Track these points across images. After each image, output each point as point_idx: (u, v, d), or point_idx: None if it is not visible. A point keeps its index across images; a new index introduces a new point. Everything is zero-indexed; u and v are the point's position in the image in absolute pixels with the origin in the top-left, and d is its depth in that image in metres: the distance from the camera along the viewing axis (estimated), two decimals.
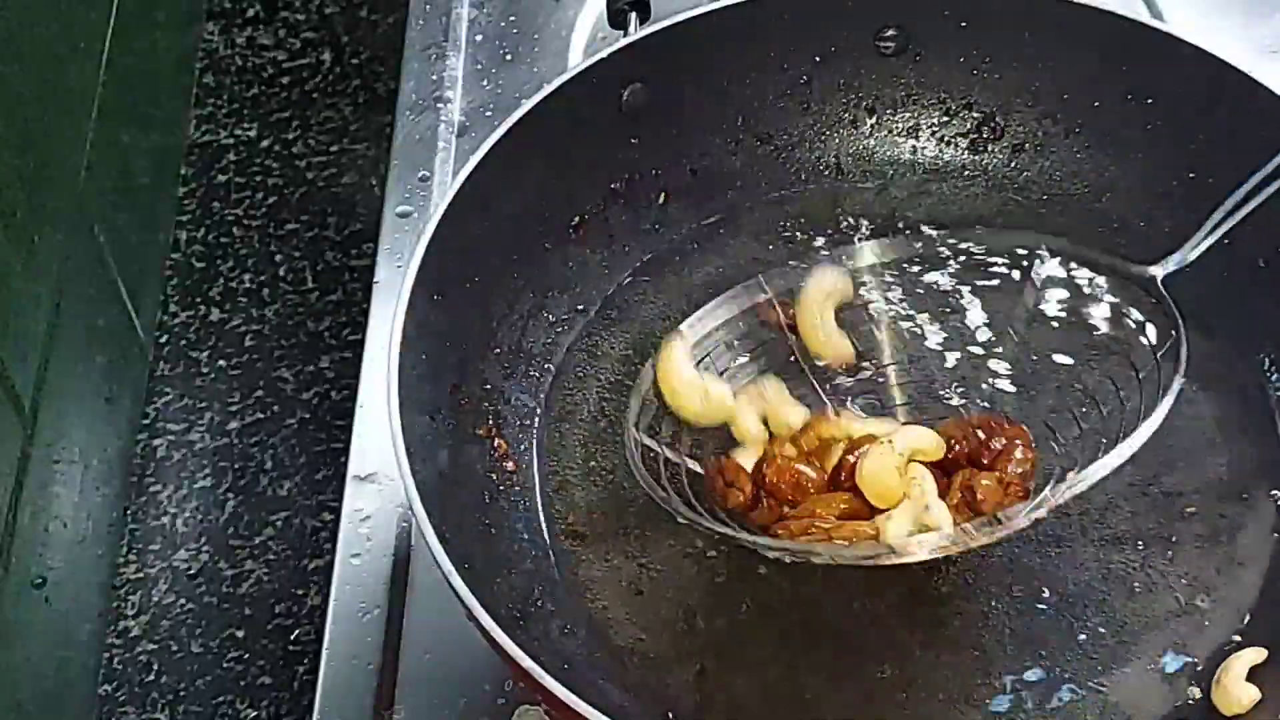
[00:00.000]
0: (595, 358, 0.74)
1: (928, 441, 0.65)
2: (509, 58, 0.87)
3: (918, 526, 0.63)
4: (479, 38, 0.88)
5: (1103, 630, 0.65)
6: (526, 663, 0.57)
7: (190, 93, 0.95)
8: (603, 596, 0.67)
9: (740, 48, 0.74)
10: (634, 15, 0.77)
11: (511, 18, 0.88)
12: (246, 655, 0.76)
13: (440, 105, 0.84)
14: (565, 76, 0.70)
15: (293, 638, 0.77)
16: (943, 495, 0.64)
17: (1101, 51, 0.73)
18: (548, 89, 0.70)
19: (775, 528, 0.64)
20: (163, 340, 0.86)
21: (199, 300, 0.88)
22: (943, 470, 0.65)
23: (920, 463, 0.64)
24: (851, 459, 0.65)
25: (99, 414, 0.79)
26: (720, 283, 0.73)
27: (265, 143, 0.93)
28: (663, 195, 0.76)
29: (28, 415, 0.69)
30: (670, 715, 0.64)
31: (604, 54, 0.71)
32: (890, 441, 0.64)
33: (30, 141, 0.70)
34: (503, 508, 0.68)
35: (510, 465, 0.70)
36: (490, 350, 0.71)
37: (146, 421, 0.84)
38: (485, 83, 0.86)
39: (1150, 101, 0.73)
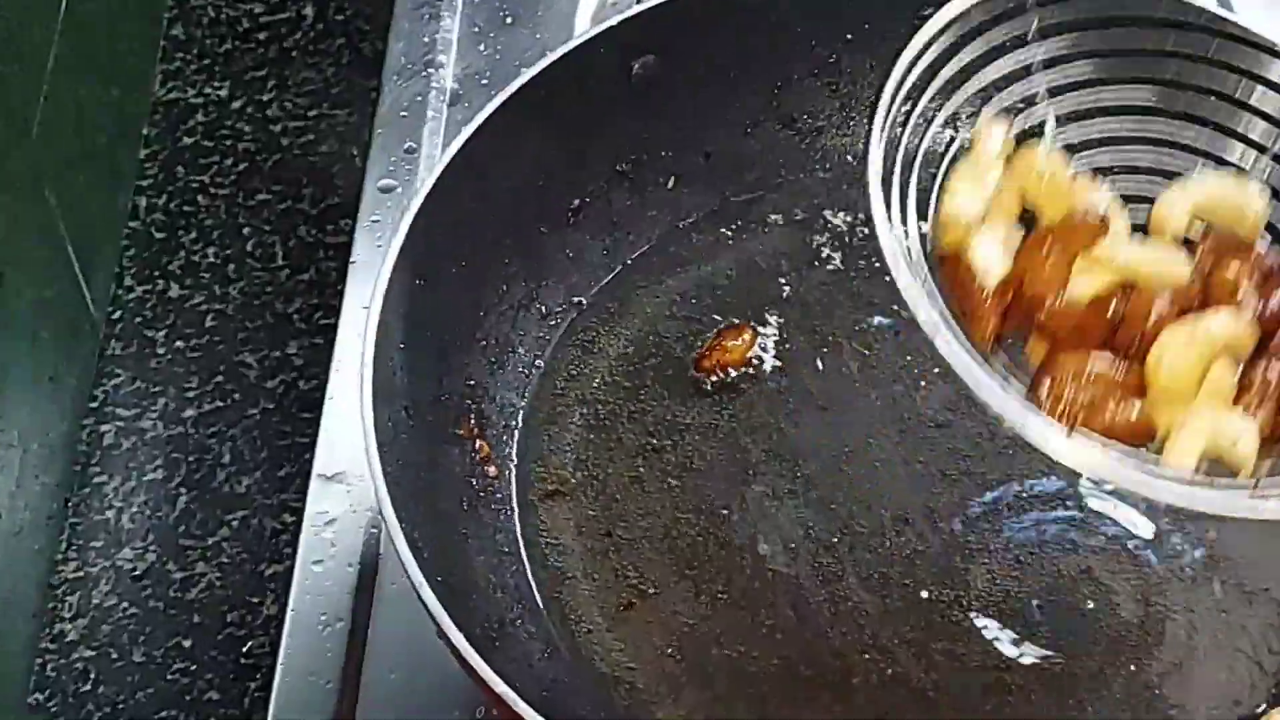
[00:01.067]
0: (590, 354, 0.73)
1: (1242, 335, 0.59)
2: (509, 20, 0.86)
3: (1211, 452, 0.58)
4: None
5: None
6: (501, 687, 0.56)
7: (156, 46, 0.94)
8: (587, 619, 0.66)
9: (764, 22, 0.73)
10: None
11: None
12: (194, 667, 0.75)
13: (431, 70, 0.84)
14: (571, 44, 0.70)
15: (245, 650, 0.75)
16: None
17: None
18: (551, 57, 0.69)
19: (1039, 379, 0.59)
20: (115, 316, 0.85)
21: (157, 274, 0.86)
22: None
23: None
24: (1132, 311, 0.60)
25: (42, 394, 0.77)
26: (731, 278, 0.74)
27: (237, 103, 0.92)
28: (672, 179, 0.75)
29: None
30: None
31: (615, 21, 0.71)
32: (1194, 327, 0.58)
33: None
34: (482, 516, 0.68)
35: (492, 470, 0.69)
36: (476, 341, 0.70)
37: (94, 405, 0.82)
38: (482, 47, 0.85)
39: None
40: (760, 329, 0.71)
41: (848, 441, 0.70)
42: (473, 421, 0.69)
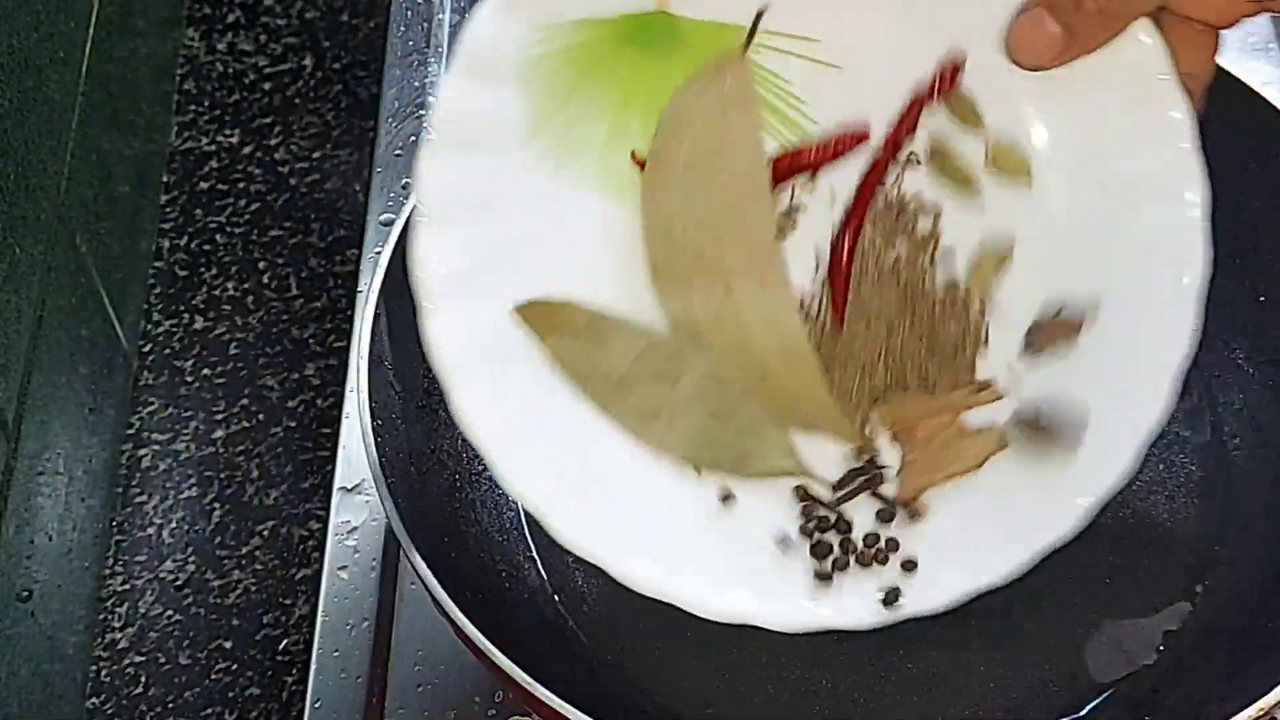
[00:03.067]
0: None
1: None
2: None
3: None
4: None
5: None
6: (510, 667, 0.57)
7: (171, 100, 0.94)
8: (592, 596, 0.67)
9: None
10: None
11: None
12: (235, 666, 0.76)
13: (423, 112, 0.84)
14: None
15: (281, 648, 0.77)
16: None
17: None
18: None
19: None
20: (146, 349, 0.86)
21: (182, 309, 0.87)
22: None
23: None
24: None
25: (83, 425, 0.78)
26: None
27: (247, 149, 0.92)
28: None
29: (11, 428, 0.69)
30: None
31: None
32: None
33: (9, 152, 0.70)
34: (488, 513, 0.68)
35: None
36: None
37: (131, 431, 0.83)
38: None
39: None
40: None
41: None
42: None
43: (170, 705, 0.75)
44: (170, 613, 0.78)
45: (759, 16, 0.58)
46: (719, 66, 0.58)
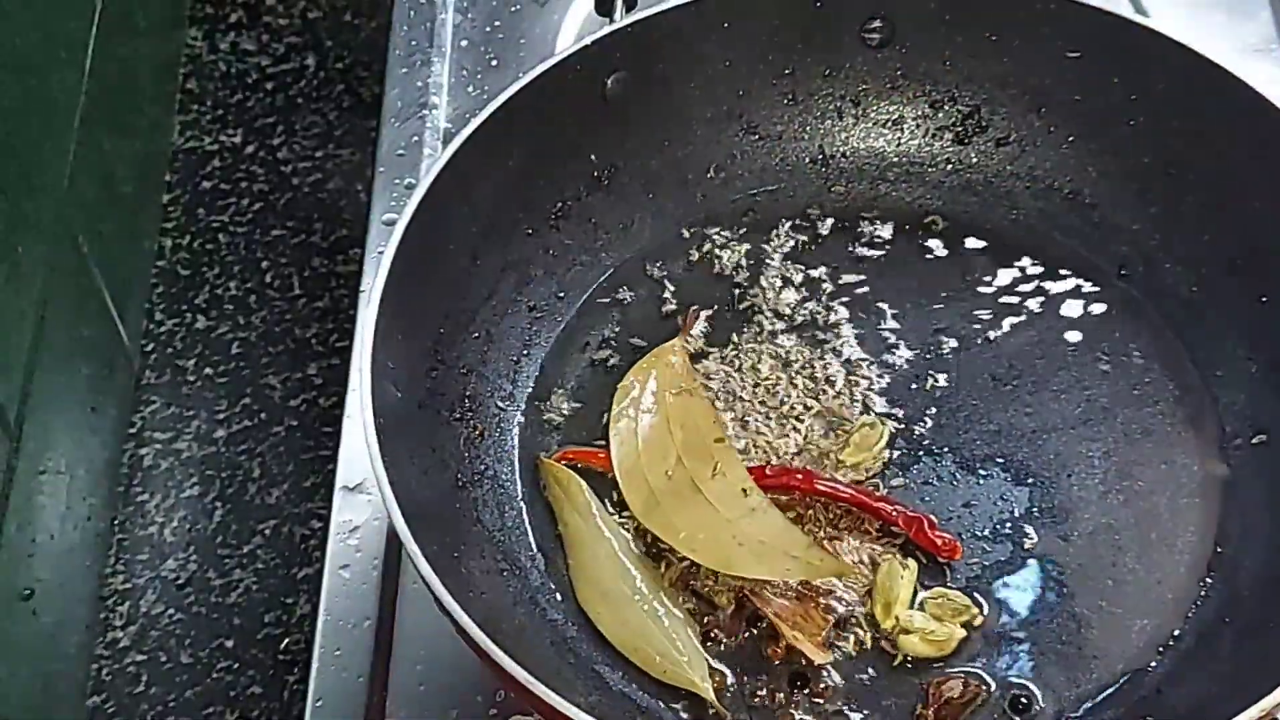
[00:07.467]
0: (573, 345, 0.74)
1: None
2: (494, 64, 0.87)
3: None
4: (464, 43, 0.88)
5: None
6: (511, 667, 0.57)
7: (174, 99, 0.95)
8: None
9: (724, 38, 0.74)
10: (620, 3, 0.78)
11: (496, 23, 0.88)
12: (236, 665, 0.76)
13: (426, 112, 0.84)
14: (548, 63, 0.71)
15: (282, 647, 0.77)
16: None
17: (1086, 47, 0.73)
18: (530, 75, 0.70)
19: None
20: (148, 349, 0.86)
21: (185, 308, 0.87)
22: None
23: None
24: None
25: (85, 424, 0.78)
26: (705, 276, 0.75)
27: (250, 149, 0.93)
28: (646, 185, 0.76)
29: (13, 427, 0.69)
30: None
31: (587, 42, 0.71)
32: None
33: (12, 152, 0.70)
34: (490, 513, 0.69)
35: (489, 451, 0.70)
36: (468, 333, 0.71)
37: (133, 431, 0.83)
38: (471, 89, 0.86)
39: (1134, 98, 0.73)
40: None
41: None
42: (467, 406, 0.69)
43: (171, 704, 0.76)
44: (172, 611, 0.78)
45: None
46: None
